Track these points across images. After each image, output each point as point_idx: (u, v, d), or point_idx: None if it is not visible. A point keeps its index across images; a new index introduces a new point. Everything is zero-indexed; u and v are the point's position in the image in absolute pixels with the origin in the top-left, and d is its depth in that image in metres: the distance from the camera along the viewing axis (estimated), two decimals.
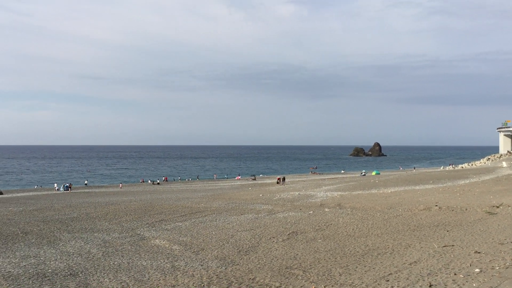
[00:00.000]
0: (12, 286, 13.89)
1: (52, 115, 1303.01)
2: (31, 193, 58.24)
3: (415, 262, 15.13)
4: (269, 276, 14.41)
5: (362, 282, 13.17)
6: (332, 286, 13.06)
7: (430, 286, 12.15)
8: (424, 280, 12.76)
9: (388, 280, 13.13)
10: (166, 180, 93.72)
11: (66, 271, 15.68)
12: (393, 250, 17.37)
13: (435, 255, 15.81)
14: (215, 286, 13.48)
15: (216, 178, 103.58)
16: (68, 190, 61.10)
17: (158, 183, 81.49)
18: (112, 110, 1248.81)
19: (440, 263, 14.66)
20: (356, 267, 15.06)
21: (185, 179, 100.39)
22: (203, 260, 17.02)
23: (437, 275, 13.17)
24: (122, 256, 17.99)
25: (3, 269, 15.92)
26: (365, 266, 15.12)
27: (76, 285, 13.97)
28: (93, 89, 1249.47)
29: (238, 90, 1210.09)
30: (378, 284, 12.87)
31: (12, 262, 17.09)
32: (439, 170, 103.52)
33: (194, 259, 17.22)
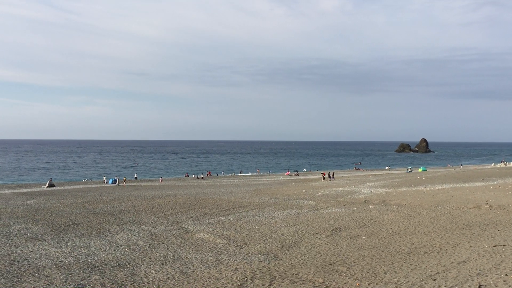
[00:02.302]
0: (64, 275, 14.50)
1: (100, 110, 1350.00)
2: (81, 186, 60.36)
3: (463, 261, 14.70)
4: (312, 272, 14.37)
5: (408, 281, 12.92)
6: (377, 283, 12.88)
7: (480, 286, 11.78)
8: (473, 280, 12.38)
9: (435, 279, 12.82)
10: (210, 175, 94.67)
11: (115, 261, 16.23)
12: (440, 248, 16.93)
13: (485, 255, 15.30)
14: (258, 281, 13.58)
15: (259, 173, 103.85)
16: (123, 183, 62.56)
17: (202, 178, 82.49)
18: (157, 106, 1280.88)
19: (490, 263, 14.17)
20: (402, 265, 14.78)
21: (228, 174, 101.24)
22: (247, 254, 17.17)
23: (487, 275, 12.75)
24: (167, 248, 18.42)
25: (55, 259, 16.66)
26: (411, 265, 14.82)
27: (124, 275, 14.43)
28: (138, 85, 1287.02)
29: (280, 85, 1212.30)
30: (425, 283, 12.59)
31: (64, 252, 17.85)
32: (489, 167, 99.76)
33: (237, 253, 17.41)
